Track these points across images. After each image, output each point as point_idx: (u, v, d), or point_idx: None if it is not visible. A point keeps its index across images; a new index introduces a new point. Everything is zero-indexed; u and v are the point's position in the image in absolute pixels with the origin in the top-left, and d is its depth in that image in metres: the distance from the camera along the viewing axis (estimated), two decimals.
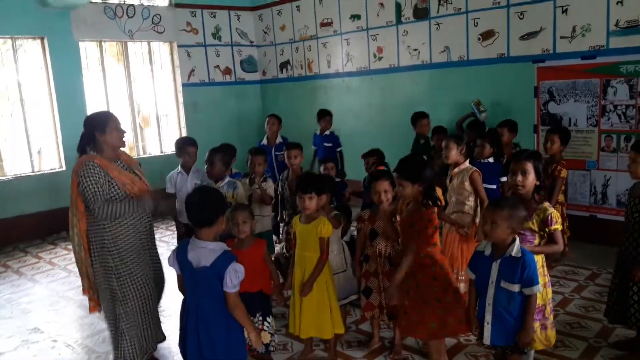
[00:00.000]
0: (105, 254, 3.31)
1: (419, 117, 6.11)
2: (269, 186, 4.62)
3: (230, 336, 2.68)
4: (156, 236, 4.14)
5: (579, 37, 5.43)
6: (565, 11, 5.48)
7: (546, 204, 3.04)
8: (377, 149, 4.78)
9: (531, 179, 3.06)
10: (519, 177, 3.06)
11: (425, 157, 5.30)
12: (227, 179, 4.27)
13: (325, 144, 6.51)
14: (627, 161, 3.39)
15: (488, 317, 2.80)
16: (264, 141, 6.43)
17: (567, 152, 5.50)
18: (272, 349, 3.36)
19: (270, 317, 3.33)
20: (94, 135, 3.32)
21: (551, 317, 3.08)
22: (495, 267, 2.77)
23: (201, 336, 2.64)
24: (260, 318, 3.26)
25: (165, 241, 6.61)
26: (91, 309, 3.54)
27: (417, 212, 3.08)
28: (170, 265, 2.77)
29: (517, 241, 2.75)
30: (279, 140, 6.42)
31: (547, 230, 2.98)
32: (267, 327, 3.28)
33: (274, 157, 6.28)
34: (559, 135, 4.74)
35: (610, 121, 5.31)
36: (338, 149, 6.58)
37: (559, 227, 2.99)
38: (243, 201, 4.30)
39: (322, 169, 4.79)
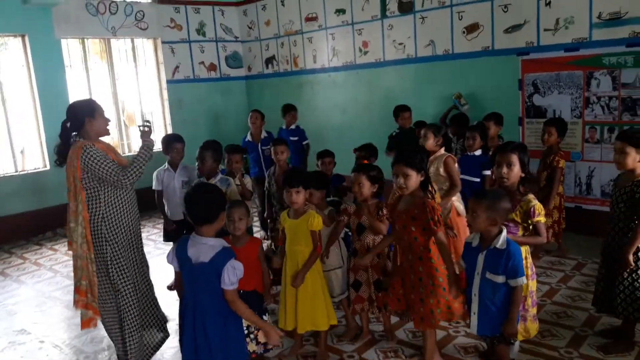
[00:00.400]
0: (103, 244, 3.24)
1: (400, 110, 6.12)
2: (247, 182, 4.63)
3: (228, 335, 2.63)
4: (143, 234, 4.11)
5: (562, 29, 5.47)
6: (548, 4, 5.52)
7: (530, 195, 3.06)
8: (369, 144, 4.79)
9: (516, 171, 3.08)
10: (504, 169, 3.09)
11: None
12: (220, 175, 4.26)
13: (292, 138, 6.49)
14: (611, 152, 3.43)
15: (474, 307, 2.86)
16: (248, 137, 6.40)
17: None
18: (270, 347, 3.34)
19: (266, 315, 3.33)
20: (83, 121, 3.27)
21: (532, 310, 3.11)
22: (481, 258, 2.82)
23: (197, 334, 2.61)
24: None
25: (153, 239, 6.56)
26: (86, 323, 3.29)
27: (420, 204, 3.06)
28: (169, 262, 2.73)
29: (504, 233, 2.78)
30: (263, 135, 6.39)
31: (529, 222, 3.01)
32: None
33: (261, 152, 6.26)
34: (555, 127, 4.78)
35: (594, 112, 5.37)
36: (305, 142, 6.70)
37: (542, 219, 3.02)
38: (236, 198, 4.29)
39: (319, 163, 4.77)
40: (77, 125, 3.30)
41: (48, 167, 7.15)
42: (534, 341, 3.43)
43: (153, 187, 4.83)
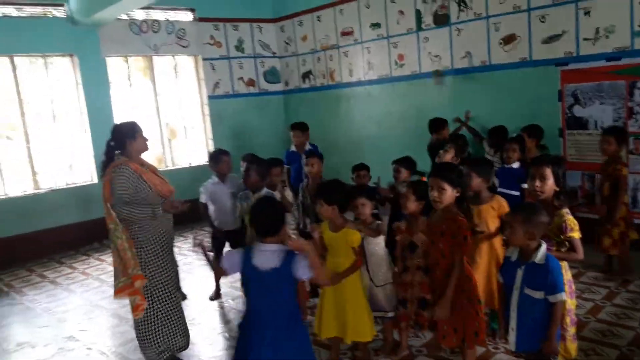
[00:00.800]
0: (139, 249, 3.51)
1: (440, 124, 6.09)
2: (288, 194, 4.73)
3: (296, 338, 2.72)
4: (183, 245, 4.23)
5: (602, 38, 5.38)
6: (587, 13, 5.44)
7: (563, 210, 3.01)
8: (408, 157, 4.77)
9: (550, 184, 3.05)
10: (537, 182, 3.06)
11: None
12: (265, 190, 4.39)
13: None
14: None
15: (512, 324, 2.80)
16: (292, 148, 6.42)
17: (596, 156, 5.43)
18: None
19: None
20: (125, 142, 3.61)
21: (571, 329, 3.05)
22: (519, 273, 2.77)
23: (263, 341, 2.67)
24: None
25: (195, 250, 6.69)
26: (136, 308, 3.52)
27: (450, 220, 3.03)
28: (225, 266, 2.80)
29: (543, 247, 2.74)
30: (307, 147, 6.43)
31: (561, 237, 2.96)
32: None
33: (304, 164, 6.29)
34: (614, 136, 4.64)
35: (638, 123, 5.24)
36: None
37: (575, 234, 2.96)
38: None
39: (354, 176, 4.81)
40: (119, 145, 3.63)
41: (96, 181, 7.44)
42: None
43: (201, 200, 5.00)
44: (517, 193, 4.47)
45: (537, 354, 2.79)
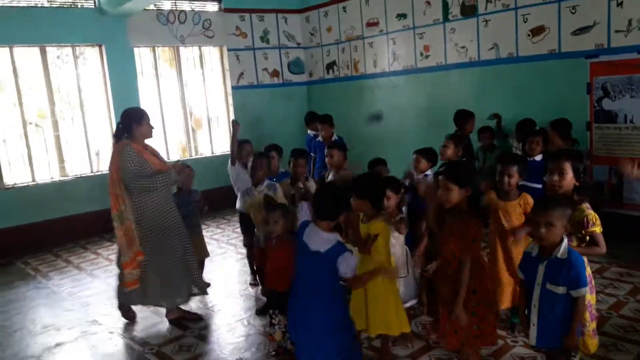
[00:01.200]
0: (137, 227, 4.08)
1: (467, 116, 6.00)
2: (311, 185, 4.70)
3: (334, 319, 2.84)
4: (207, 233, 4.29)
5: (635, 30, 5.22)
6: (620, 4, 5.29)
7: (584, 205, 2.95)
8: (430, 148, 4.70)
9: (569, 179, 2.99)
10: (556, 177, 3.00)
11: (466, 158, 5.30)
12: (267, 181, 4.41)
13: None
14: None
15: (534, 319, 2.77)
16: (320, 137, 6.47)
17: (622, 149, 5.33)
18: (287, 345, 3.53)
19: (284, 316, 3.39)
20: (131, 126, 4.04)
21: (591, 325, 2.99)
22: (541, 269, 2.72)
23: (300, 319, 2.86)
24: (277, 317, 3.39)
25: (216, 239, 6.78)
26: (131, 283, 4.17)
27: (461, 221, 2.96)
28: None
29: (565, 241, 2.69)
30: (335, 138, 6.42)
31: (582, 232, 2.90)
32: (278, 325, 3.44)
33: None
34: None
35: None
36: None
37: (597, 229, 2.90)
38: (283, 202, 4.42)
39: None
40: (127, 127, 4.07)
41: None
42: (598, 355, 3.29)
43: (241, 209, 4.99)
44: (539, 186, 4.41)
45: (558, 349, 2.75)
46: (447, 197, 2.95)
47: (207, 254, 5.08)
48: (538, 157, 4.61)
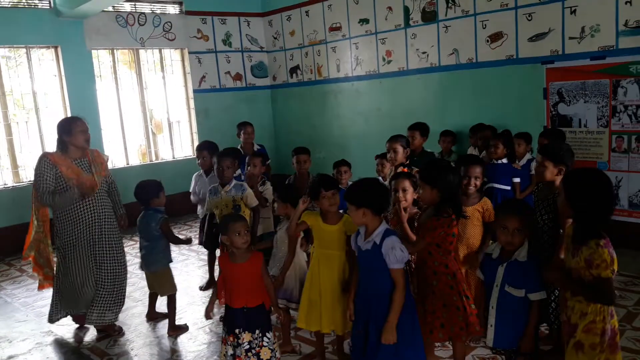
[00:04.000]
0: (55, 235, 4.15)
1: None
2: (267, 189, 4.67)
3: (400, 320, 2.77)
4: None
5: (588, 37, 5.40)
6: (573, 12, 5.46)
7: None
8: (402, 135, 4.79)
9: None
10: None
11: None
12: (234, 182, 4.35)
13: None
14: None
15: (491, 320, 2.81)
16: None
17: (578, 153, 5.48)
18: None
19: (270, 332, 3.18)
20: (63, 138, 4.02)
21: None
22: (501, 271, 2.77)
23: (370, 319, 2.83)
24: (260, 334, 3.11)
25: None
26: (40, 286, 4.44)
27: (429, 220, 3.02)
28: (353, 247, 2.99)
29: (526, 245, 2.74)
30: (256, 147, 6.33)
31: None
32: (267, 342, 3.13)
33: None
34: None
35: (621, 122, 5.27)
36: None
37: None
38: (253, 202, 4.37)
39: (335, 172, 4.73)
40: (60, 140, 4.06)
41: None
42: None
43: (204, 212, 4.95)
44: (508, 187, 4.64)
45: (515, 351, 2.80)
46: (421, 196, 3.11)
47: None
48: (504, 160, 4.73)
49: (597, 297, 2.40)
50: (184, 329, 4.26)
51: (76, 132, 4.00)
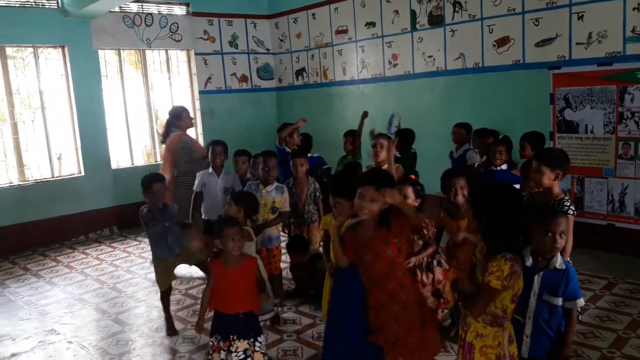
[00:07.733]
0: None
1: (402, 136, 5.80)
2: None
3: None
4: (140, 243, 4.20)
5: (595, 43, 5.38)
6: (581, 17, 5.44)
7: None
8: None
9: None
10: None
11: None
12: (276, 183, 4.42)
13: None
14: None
15: (527, 331, 2.67)
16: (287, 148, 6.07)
17: (584, 159, 5.49)
18: None
19: (262, 336, 3.17)
20: (177, 120, 5.48)
21: None
22: (537, 279, 2.63)
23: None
24: (252, 340, 3.10)
25: None
26: None
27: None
28: None
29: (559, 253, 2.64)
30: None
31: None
32: (259, 347, 3.12)
33: None
34: None
35: (628, 128, 5.24)
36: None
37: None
38: (286, 207, 4.40)
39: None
40: (172, 122, 5.49)
41: (83, 173, 7.37)
42: None
43: (194, 189, 4.94)
44: None
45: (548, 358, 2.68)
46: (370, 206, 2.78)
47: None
48: (504, 166, 4.69)
49: (467, 302, 2.44)
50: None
51: (186, 116, 5.49)
